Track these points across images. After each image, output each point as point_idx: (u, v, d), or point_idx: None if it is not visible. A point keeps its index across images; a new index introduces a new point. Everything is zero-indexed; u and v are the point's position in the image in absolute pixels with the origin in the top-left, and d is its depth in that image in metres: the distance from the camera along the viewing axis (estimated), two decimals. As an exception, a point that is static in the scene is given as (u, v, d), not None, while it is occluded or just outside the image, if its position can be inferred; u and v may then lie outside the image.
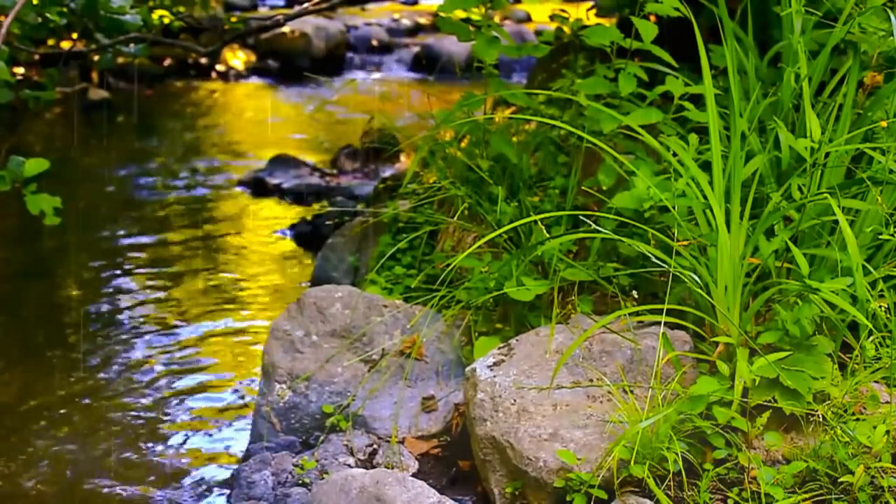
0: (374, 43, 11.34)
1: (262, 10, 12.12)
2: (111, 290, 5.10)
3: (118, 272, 5.32)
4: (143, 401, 4.00)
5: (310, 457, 3.11)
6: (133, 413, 3.91)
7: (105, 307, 4.89)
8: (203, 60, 10.22)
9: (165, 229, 6.03)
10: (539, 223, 3.18)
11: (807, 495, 2.44)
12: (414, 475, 2.97)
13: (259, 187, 6.74)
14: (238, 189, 6.79)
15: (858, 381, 2.60)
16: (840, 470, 2.46)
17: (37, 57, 7.36)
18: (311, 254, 5.45)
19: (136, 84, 9.67)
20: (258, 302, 4.98)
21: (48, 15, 5.12)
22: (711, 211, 2.86)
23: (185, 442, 3.70)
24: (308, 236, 5.75)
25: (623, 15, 4.53)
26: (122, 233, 5.93)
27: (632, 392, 2.74)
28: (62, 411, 3.89)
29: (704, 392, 2.58)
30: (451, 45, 10.50)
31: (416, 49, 11.18)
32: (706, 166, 3.01)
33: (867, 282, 2.66)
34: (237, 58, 10.57)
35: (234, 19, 8.23)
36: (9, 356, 4.34)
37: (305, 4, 6.86)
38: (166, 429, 3.80)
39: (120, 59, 9.07)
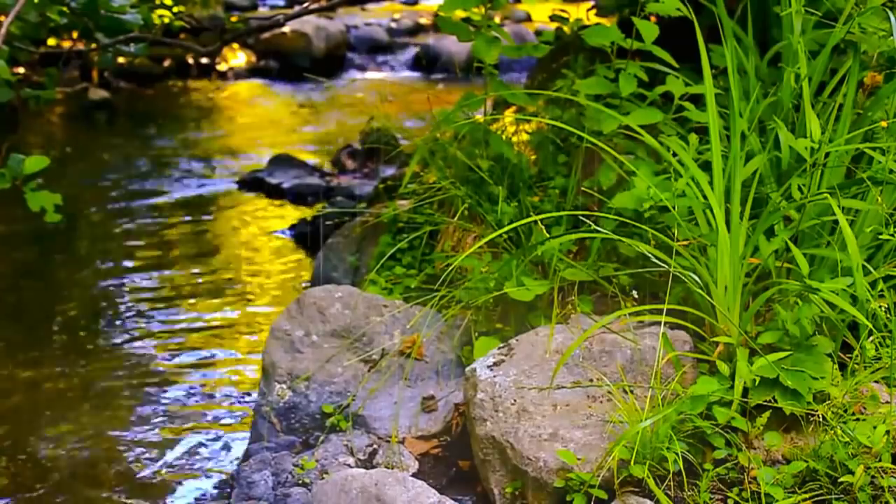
0: (374, 43, 11.33)
1: (262, 10, 12.12)
2: (110, 289, 5.10)
3: (117, 272, 5.32)
4: (143, 401, 4.00)
5: (310, 457, 3.11)
6: (132, 412, 3.91)
7: (104, 306, 4.89)
8: (203, 60, 10.22)
9: (165, 229, 6.03)
10: (539, 223, 3.18)
11: (807, 495, 2.44)
12: (414, 475, 2.97)
13: (259, 187, 6.74)
14: (238, 189, 6.79)
15: (858, 381, 2.60)
16: (840, 470, 2.46)
17: (37, 57, 7.35)
18: (311, 254, 5.45)
19: (136, 84, 9.67)
20: (258, 302, 4.98)
21: (48, 14, 5.12)
22: (711, 211, 2.86)
23: (185, 442, 3.70)
24: (308, 236, 5.75)
25: (623, 15, 4.53)
26: (120, 232, 5.93)
27: (632, 392, 2.74)
28: (61, 411, 3.89)
29: (704, 392, 2.58)
30: (451, 45, 10.50)
31: (416, 49, 11.17)
32: (706, 166, 3.01)
33: (867, 282, 2.66)
34: (237, 58, 10.57)
35: (234, 19, 8.24)
36: (8, 355, 4.34)
37: (305, 4, 6.87)
38: (166, 428, 3.80)
39: (120, 59, 9.07)
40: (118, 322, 4.72)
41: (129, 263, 5.44)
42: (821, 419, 2.56)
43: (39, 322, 4.70)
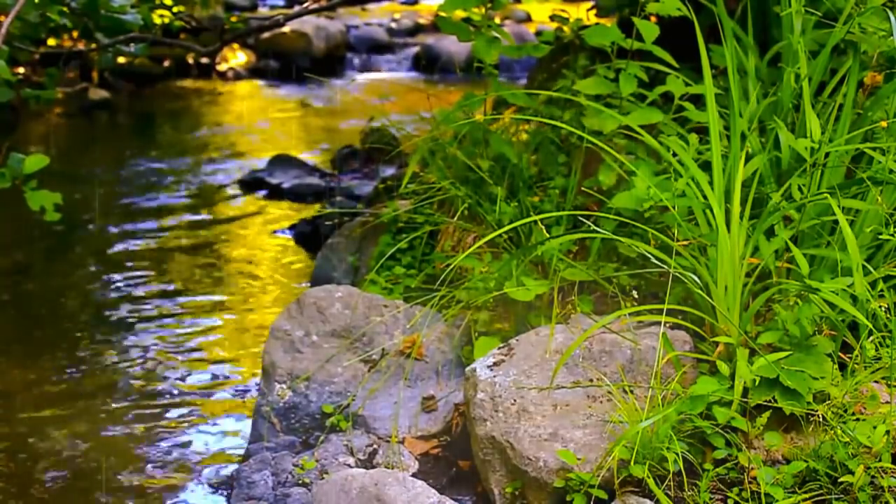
0: (374, 43, 11.33)
1: (262, 10, 12.12)
2: (110, 289, 5.10)
3: (117, 272, 5.32)
4: (143, 400, 4.00)
5: (310, 457, 3.11)
6: (132, 413, 3.91)
7: (104, 307, 4.89)
8: (203, 60, 10.22)
9: (165, 229, 6.03)
10: (539, 223, 3.18)
11: (807, 495, 2.44)
12: (414, 475, 2.97)
13: (259, 187, 6.74)
14: (238, 189, 6.79)
15: (858, 381, 2.60)
16: (840, 470, 2.46)
17: (37, 57, 7.35)
18: (311, 254, 5.45)
19: (136, 84, 9.67)
20: (258, 302, 4.98)
21: (48, 14, 5.12)
22: (711, 211, 2.86)
23: (184, 442, 3.70)
24: (308, 236, 5.74)
25: (623, 15, 4.53)
26: (121, 233, 5.93)
27: (632, 392, 2.74)
28: (62, 411, 3.89)
29: (704, 392, 2.58)
30: (451, 45, 10.49)
31: (416, 49, 11.17)
32: (706, 166, 3.01)
33: (867, 282, 2.66)
34: (237, 58, 10.57)
35: (234, 19, 8.23)
36: (8, 355, 4.34)
37: (305, 4, 6.87)
38: (166, 429, 3.79)
39: (120, 59, 9.07)
40: (117, 322, 4.71)
41: (128, 263, 5.44)
42: (821, 419, 2.56)
43: (38, 322, 4.69)
